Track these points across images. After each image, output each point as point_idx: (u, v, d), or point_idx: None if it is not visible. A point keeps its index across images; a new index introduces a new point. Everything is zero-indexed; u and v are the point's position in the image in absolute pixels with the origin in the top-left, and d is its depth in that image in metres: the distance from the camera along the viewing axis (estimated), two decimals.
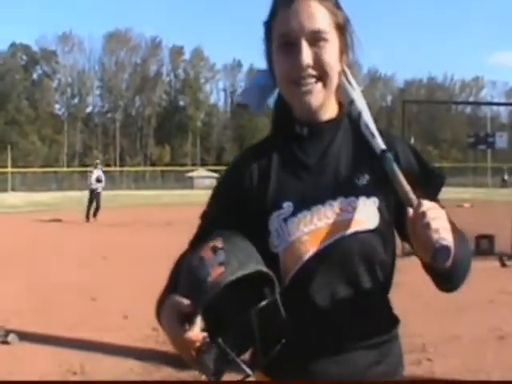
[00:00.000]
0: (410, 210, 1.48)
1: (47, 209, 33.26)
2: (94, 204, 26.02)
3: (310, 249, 1.63)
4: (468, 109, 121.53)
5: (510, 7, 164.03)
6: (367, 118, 1.74)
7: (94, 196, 26.07)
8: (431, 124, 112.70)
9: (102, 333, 7.35)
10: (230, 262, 1.47)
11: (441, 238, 1.39)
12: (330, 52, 1.66)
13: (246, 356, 1.56)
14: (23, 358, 6.50)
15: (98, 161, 28.64)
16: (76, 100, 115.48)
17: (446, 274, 1.56)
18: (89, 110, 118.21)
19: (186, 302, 1.47)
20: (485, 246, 13.71)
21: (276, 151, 1.78)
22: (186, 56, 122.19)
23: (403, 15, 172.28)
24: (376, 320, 1.72)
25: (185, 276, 1.57)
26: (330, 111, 1.77)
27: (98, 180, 26.55)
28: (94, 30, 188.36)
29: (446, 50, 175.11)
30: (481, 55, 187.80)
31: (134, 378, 5.84)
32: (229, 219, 1.70)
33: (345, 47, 1.74)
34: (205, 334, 1.47)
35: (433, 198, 1.56)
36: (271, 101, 1.85)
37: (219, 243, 1.53)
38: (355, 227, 1.64)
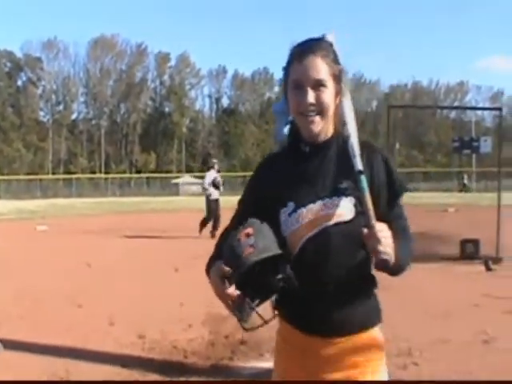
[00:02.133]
0: (365, 230, 2.20)
1: (32, 216, 33.09)
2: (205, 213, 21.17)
3: (305, 234, 2.41)
4: (453, 113, 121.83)
5: (494, 13, 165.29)
6: (354, 140, 2.42)
7: (209, 203, 21.01)
8: (416, 129, 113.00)
9: (88, 339, 7.34)
10: (258, 246, 2.24)
11: (383, 252, 2.17)
12: (327, 94, 2.40)
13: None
14: (9, 365, 6.47)
15: (214, 160, 22.79)
16: (61, 107, 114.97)
17: (389, 271, 2.34)
18: (74, 116, 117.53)
19: (226, 268, 2.27)
20: (470, 249, 13.77)
21: (286, 162, 2.56)
22: (172, 62, 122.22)
23: (388, 21, 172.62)
24: (357, 277, 2.47)
25: (226, 250, 2.32)
26: (326, 134, 2.50)
27: (214, 184, 21.07)
28: (79, 36, 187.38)
29: (430, 55, 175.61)
30: (466, 60, 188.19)
31: None
32: (254, 209, 2.48)
33: (339, 90, 2.46)
34: (238, 291, 2.26)
35: (394, 203, 2.48)
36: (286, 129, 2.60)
37: (251, 230, 2.28)
38: (336, 219, 2.39)
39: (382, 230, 2.19)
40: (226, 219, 2.91)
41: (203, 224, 20.51)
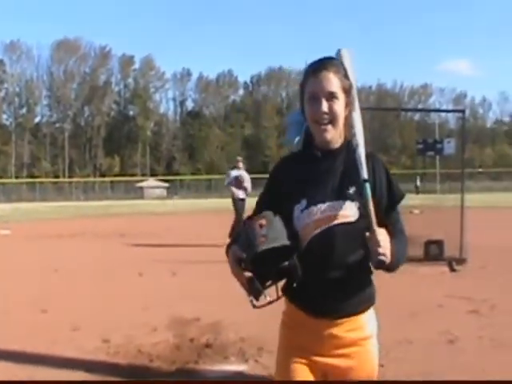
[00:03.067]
0: (367, 234, 2.55)
1: None
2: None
3: (313, 231, 2.70)
4: (417, 116, 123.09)
5: (457, 16, 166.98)
6: (361, 150, 2.74)
7: (233, 203, 19.21)
8: (381, 131, 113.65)
9: (52, 345, 7.24)
10: (269, 236, 2.51)
11: (381, 254, 2.50)
12: (339, 105, 2.70)
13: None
14: None
15: (239, 158, 20.61)
16: (24, 110, 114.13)
17: (386, 269, 2.65)
18: (37, 120, 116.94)
19: (241, 253, 2.54)
20: (434, 251, 13.84)
21: (301, 164, 2.83)
22: (136, 65, 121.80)
23: (352, 23, 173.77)
24: (357, 269, 2.76)
25: (242, 237, 2.61)
26: (337, 142, 2.79)
27: (239, 183, 19.18)
28: (42, 38, 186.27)
29: (394, 58, 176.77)
30: (429, 63, 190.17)
31: None
32: (272, 202, 2.78)
33: (348, 102, 2.77)
34: (250, 273, 2.54)
35: (392, 208, 2.81)
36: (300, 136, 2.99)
37: (264, 222, 2.56)
38: (342, 219, 2.69)
39: (382, 234, 2.55)
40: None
41: (233, 228, 18.01)
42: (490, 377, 5.77)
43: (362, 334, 2.84)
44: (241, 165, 19.57)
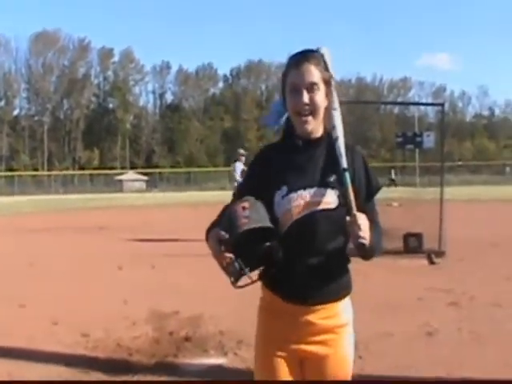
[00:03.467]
0: (348, 218, 2.60)
1: None
2: None
3: (294, 216, 2.74)
4: (396, 109, 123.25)
5: (436, 10, 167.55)
6: (341, 141, 2.81)
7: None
8: (360, 124, 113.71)
9: (31, 340, 7.20)
10: (252, 218, 2.58)
11: (362, 237, 2.55)
12: (319, 96, 2.77)
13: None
14: None
15: (241, 151, 21.06)
16: (2, 103, 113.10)
17: (365, 254, 2.69)
18: (15, 112, 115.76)
19: (223, 233, 2.57)
20: (413, 243, 13.90)
21: (282, 153, 2.89)
22: (116, 58, 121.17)
23: (332, 16, 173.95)
24: (335, 257, 2.82)
25: (224, 219, 2.67)
26: (318, 132, 2.86)
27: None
28: (20, 30, 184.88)
29: (374, 51, 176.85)
30: (409, 56, 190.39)
31: None
32: (253, 189, 2.80)
33: (329, 92, 2.84)
34: (231, 255, 2.55)
35: (370, 198, 2.88)
36: (283, 120, 2.96)
37: (247, 205, 2.64)
38: (322, 206, 2.74)
39: (362, 218, 2.60)
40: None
41: None
42: (468, 370, 5.82)
43: (338, 322, 2.89)
44: (243, 158, 19.66)
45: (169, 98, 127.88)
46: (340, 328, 2.90)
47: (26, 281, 11.47)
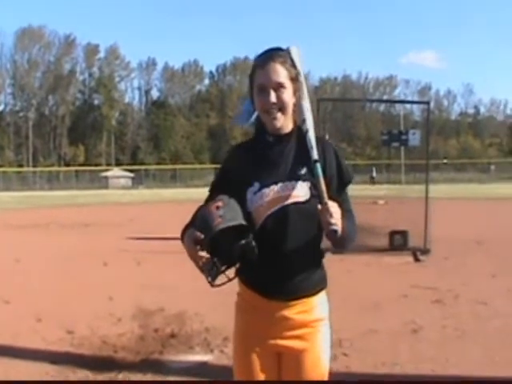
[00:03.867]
0: (319, 206, 2.63)
1: None
2: None
3: (267, 211, 2.79)
4: (382, 107, 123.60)
5: (422, 7, 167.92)
6: (311, 134, 2.85)
7: None
8: (346, 122, 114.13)
9: (16, 337, 7.17)
10: (226, 217, 2.64)
11: (334, 224, 2.56)
12: (287, 94, 2.81)
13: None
14: None
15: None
16: None
17: (338, 243, 2.77)
18: (0, 108, 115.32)
19: (199, 234, 2.65)
20: (398, 241, 13.91)
21: (254, 150, 2.94)
22: (101, 54, 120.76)
23: (318, 14, 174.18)
24: (310, 251, 2.88)
25: (199, 219, 2.73)
26: (287, 127, 2.91)
27: None
28: (5, 25, 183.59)
29: (360, 49, 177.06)
30: (394, 55, 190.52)
31: None
32: (225, 188, 2.85)
33: (296, 89, 2.88)
34: (208, 254, 2.65)
35: (342, 189, 2.92)
36: (253, 118, 3.02)
37: (220, 204, 2.69)
38: (294, 199, 2.78)
39: (333, 206, 2.62)
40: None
41: None
42: (453, 367, 5.85)
43: (314, 316, 2.92)
44: None
45: (154, 94, 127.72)
46: (316, 322, 2.93)
47: (10, 277, 11.44)
